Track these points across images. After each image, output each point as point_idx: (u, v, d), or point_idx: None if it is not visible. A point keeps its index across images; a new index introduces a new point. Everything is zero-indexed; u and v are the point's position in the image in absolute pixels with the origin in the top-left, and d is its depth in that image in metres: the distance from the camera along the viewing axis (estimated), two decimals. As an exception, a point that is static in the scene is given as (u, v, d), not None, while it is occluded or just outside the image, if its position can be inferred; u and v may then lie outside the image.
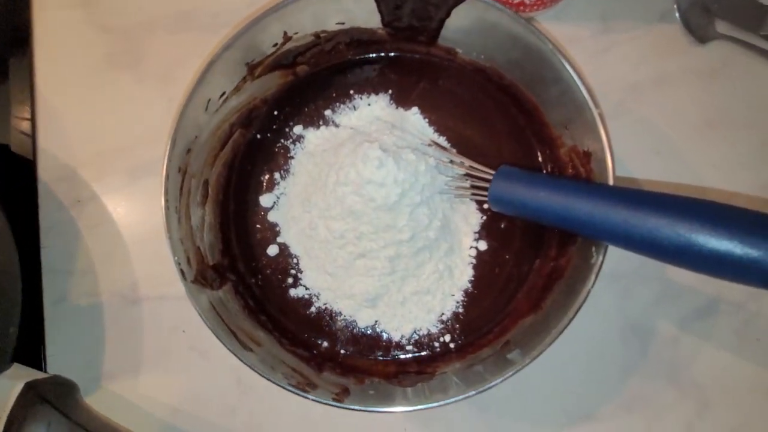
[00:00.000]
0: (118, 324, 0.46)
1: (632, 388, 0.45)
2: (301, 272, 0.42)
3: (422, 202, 0.37)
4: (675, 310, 0.46)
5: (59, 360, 0.46)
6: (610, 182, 0.34)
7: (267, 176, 0.44)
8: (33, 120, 0.50)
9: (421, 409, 0.33)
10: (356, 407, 0.34)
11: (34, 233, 0.48)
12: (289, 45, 0.42)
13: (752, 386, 0.45)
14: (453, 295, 0.41)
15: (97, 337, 0.46)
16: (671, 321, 0.46)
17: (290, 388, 0.34)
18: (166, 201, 0.36)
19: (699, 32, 0.49)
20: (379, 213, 0.36)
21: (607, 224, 0.26)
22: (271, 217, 0.43)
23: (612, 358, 0.45)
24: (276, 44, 0.42)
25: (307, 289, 0.42)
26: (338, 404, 0.34)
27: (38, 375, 0.41)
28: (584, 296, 0.33)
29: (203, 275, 0.38)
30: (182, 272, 0.35)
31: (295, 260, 0.42)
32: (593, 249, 0.34)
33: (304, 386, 0.34)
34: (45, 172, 0.49)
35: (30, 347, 0.45)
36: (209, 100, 0.39)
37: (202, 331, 0.45)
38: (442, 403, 0.33)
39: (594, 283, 0.34)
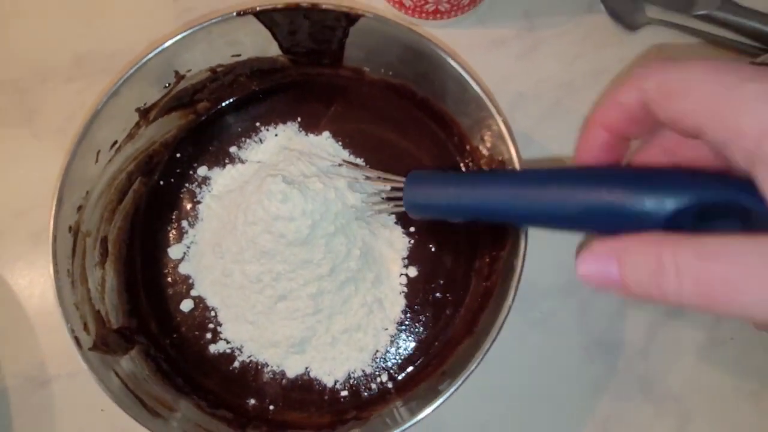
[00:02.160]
0: (26, 410, 0.47)
1: (606, 409, 0.47)
2: (220, 325, 0.44)
3: (337, 231, 0.39)
4: (639, 318, 0.48)
5: (-39, 458, 0.47)
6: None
7: (174, 226, 0.46)
8: None
9: None
10: None
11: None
12: (183, 84, 0.44)
13: (732, 389, 0.47)
14: (386, 329, 0.43)
15: (4, 426, 0.47)
16: (637, 331, 0.48)
17: None
18: (55, 265, 0.38)
19: (627, 20, 0.54)
20: (293, 249, 0.38)
21: (515, 204, 0.29)
22: (183, 269, 0.45)
23: (580, 378, 0.47)
24: (168, 84, 0.44)
25: (228, 342, 0.43)
26: None
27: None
28: (507, 309, 0.36)
29: (105, 341, 0.39)
30: (77, 339, 0.37)
31: (212, 313, 0.44)
32: (514, 261, 0.37)
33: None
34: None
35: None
36: (99, 151, 0.41)
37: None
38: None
39: (515, 294, 0.36)
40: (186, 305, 0.44)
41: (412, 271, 0.44)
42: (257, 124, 0.47)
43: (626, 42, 0.54)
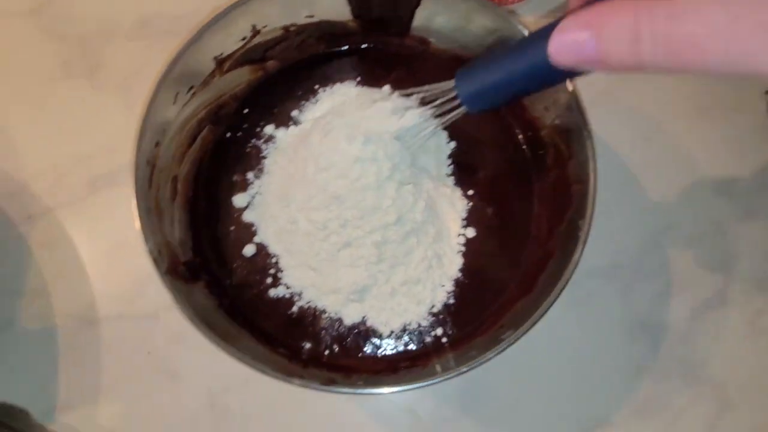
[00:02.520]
0: (73, 348, 0.49)
1: (646, 390, 0.48)
2: (281, 271, 0.45)
3: (408, 179, 0.41)
4: (682, 303, 0.50)
5: (5, 391, 0.48)
6: (592, 157, 0.40)
7: (239, 176, 0.48)
8: (-22, 135, 0.54)
9: (411, 389, 0.36)
10: (345, 390, 0.38)
11: (-21, 253, 0.51)
12: (257, 39, 0.47)
13: (774, 378, 0.49)
14: (443, 286, 0.44)
15: (50, 363, 0.48)
16: (680, 316, 0.50)
17: (279, 375, 0.37)
18: (137, 191, 0.40)
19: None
20: (365, 194, 0.40)
21: None
22: (246, 217, 0.47)
23: (621, 359, 0.49)
24: (245, 38, 0.47)
25: (288, 288, 0.45)
26: (327, 388, 0.36)
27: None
28: (572, 268, 0.38)
29: (175, 270, 0.41)
30: (155, 262, 0.39)
31: (274, 259, 0.46)
32: (579, 222, 0.39)
33: (291, 378, 0.37)
34: (-9, 188, 0.53)
35: (-27, 378, 0.47)
36: (177, 93, 0.44)
37: (170, 350, 0.49)
38: (431, 382, 0.36)
39: (582, 252, 0.38)
40: (248, 250, 0.46)
41: (470, 232, 0.46)
42: (316, 86, 0.50)
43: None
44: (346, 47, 0.51)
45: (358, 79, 0.50)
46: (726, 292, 0.50)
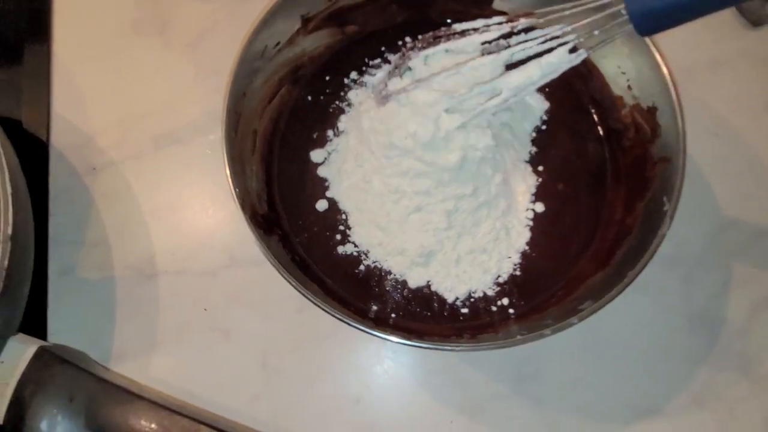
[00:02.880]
0: (130, 300, 0.49)
1: (701, 381, 0.48)
2: (350, 228, 0.46)
3: (489, 155, 0.41)
4: (742, 298, 0.50)
5: (63, 336, 0.48)
6: (682, 134, 0.40)
7: (318, 132, 0.49)
8: (48, 85, 0.55)
9: (479, 349, 0.36)
10: (421, 344, 0.37)
11: (43, 200, 0.51)
12: (343, 2, 0.48)
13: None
14: (510, 257, 0.45)
15: (107, 313, 0.49)
16: (739, 310, 0.49)
17: (356, 324, 0.37)
18: (227, 134, 0.40)
19: (752, 16, 0.56)
20: (446, 169, 0.41)
21: None
22: (321, 172, 0.48)
23: (678, 348, 0.49)
24: (331, -1, 0.48)
25: (356, 246, 0.46)
26: (405, 341, 0.37)
27: (46, 343, 0.44)
28: (658, 242, 0.38)
29: (255, 219, 0.42)
30: (242, 205, 0.39)
31: (344, 216, 0.46)
32: (664, 198, 0.39)
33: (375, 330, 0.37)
34: (59, 138, 0.53)
35: (31, 321, 0.47)
36: (266, 46, 0.45)
37: (226, 308, 0.49)
38: (498, 344, 0.36)
39: (667, 230, 0.38)
40: (320, 205, 0.47)
41: (539, 207, 0.46)
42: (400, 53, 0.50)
43: (747, 37, 0.57)
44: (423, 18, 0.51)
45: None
46: (787, 290, 0.50)
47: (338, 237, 0.46)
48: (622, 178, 0.46)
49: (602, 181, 0.47)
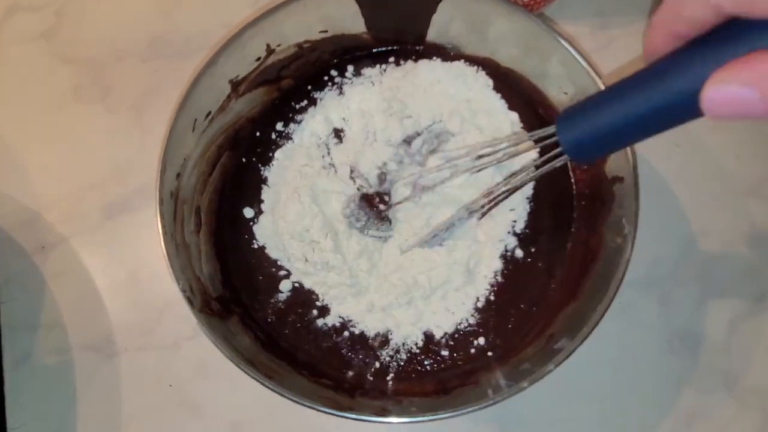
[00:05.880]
0: (92, 382, 0.46)
1: (688, 403, 0.46)
2: (321, 301, 0.44)
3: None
4: (720, 312, 0.48)
5: (24, 430, 0.45)
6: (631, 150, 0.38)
7: (256, 205, 0.47)
8: (-13, 163, 0.52)
9: (470, 411, 0.34)
10: (404, 419, 0.35)
11: (-9, 286, 0.48)
12: (272, 58, 0.46)
13: (820, 386, 0.46)
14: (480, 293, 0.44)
15: (68, 399, 0.46)
16: (719, 325, 0.47)
17: (331, 411, 0.35)
18: (164, 227, 0.38)
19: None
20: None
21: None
22: (272, 254, 0.45)
23: (662, 371, 0.47)
24: (259, 58, 0.45)
25: (333, 316, 0.44)
26: (381, 419, 0.34)
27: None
28: (624, 267, 0.36)
29: (208, 306, 0.39)
30: (189, 300, 0.37)
31: (312, 293, 0.44)
32: (623, 220, 0.37)
33: (342, 409, 0.35)
34: (4, 218, 0.50)
35: (-12, 418, 0.45)
36: (195, 120, 0.42)
37: (193, 382, 0.46)
38: (492, 402, 0.34)
39: (631, 254, 0.36)
40: (284, 286, 0.45)
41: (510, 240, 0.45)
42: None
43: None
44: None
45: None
46: (763, 300, 0.48)
47: (315, 312, 0.44)
48: (584, 197, 0.45)
49: (566, 208, 0.46)
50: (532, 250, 0.44)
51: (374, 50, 0.49)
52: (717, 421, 0.46)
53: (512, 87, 0.47)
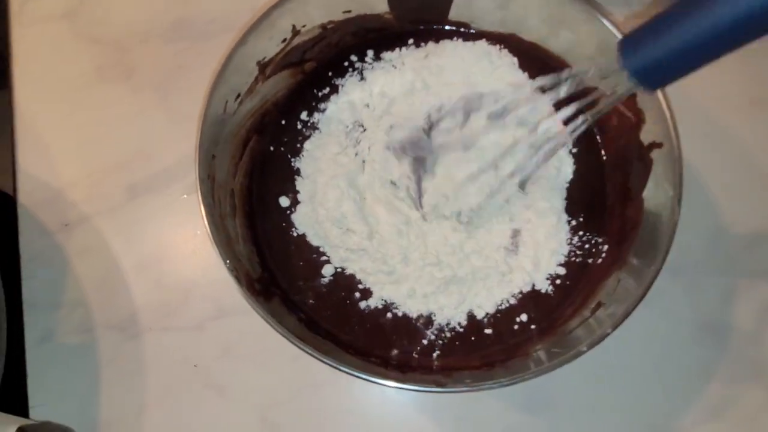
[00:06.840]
0: (115, 362, 0.45)
1: (717, 393, 0.45)
2: (362, 284, 0.44)
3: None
4: (750, 302, 0.47)
5: (46, 409, 0.44)
6: (670, 115, 0.38)
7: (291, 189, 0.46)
8: (12, 140, 0.51)
9: (521, 380, 0.35)
10: (462, 388, 0.36)
11: (14, 263, 0.48)
12: (297, 40, 0.45)
13: None
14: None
15: (91, 379, 0.45)
16: (747, 315, 0.47)
17: (387, 382, 0.35)
18: (206, 207, 0.37)
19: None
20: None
21: None
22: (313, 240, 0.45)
23: (690, 360, 0.46)
24: (285, 39, 0.45)
25: (376, 298, 0.43)
26: (443, 389, 0.35)
27: (26, 422, 0.40)
28: (673, 228, 0.37)
29: (252, 287, 0.39)
30: (238, 279, 0.36)
31: (354, 276, 0.44)
32: (665, 184, 0.37)
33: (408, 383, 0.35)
34: (27, 195, 0.50)
35: (9, 396, 0.44)
36: (227, 102, 0.42)
37: (218, 363, 0.46)
38: (539, 370, 0.35)
39: (679, 215, 0.37)
40: (326, 271, 0.44)
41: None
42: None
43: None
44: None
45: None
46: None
47: (357, 295, 0.44)
48: (617, 167, 0.45)
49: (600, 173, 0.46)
50: (573, 224, 0.45)
51: (396, 31, 0.49)
52: (745, 411, 0.45)
53: (538, 64, 0.47)
